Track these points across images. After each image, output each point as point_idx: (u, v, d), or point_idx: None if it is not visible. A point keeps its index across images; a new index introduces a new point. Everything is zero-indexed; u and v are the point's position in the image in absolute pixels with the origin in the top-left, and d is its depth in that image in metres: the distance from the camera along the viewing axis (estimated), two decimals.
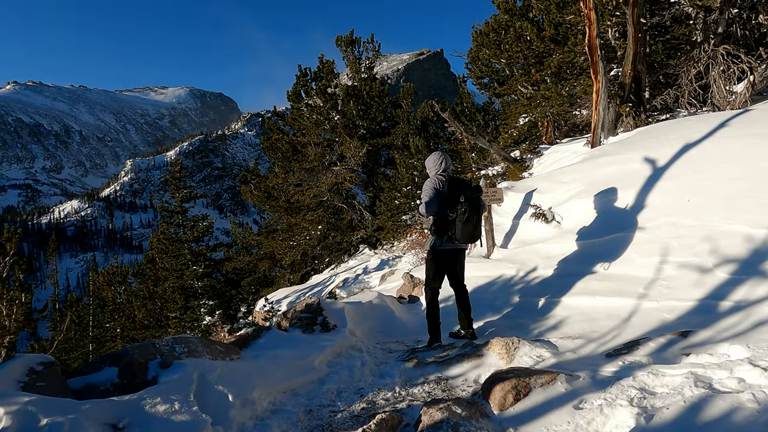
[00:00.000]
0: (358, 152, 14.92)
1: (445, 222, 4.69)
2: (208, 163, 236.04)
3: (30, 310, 10.74)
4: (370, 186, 19.08)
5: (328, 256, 18.98)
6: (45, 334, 14.93)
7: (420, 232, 13.17)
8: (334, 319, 5.52)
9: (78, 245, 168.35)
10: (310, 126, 15.56)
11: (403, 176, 12.93)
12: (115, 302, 17.27)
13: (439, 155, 4.93)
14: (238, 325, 10.14)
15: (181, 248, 10.18)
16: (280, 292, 15.46)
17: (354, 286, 12.10)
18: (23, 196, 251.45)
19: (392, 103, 17.68)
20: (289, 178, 16.17)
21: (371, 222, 16.97)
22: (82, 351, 12.69)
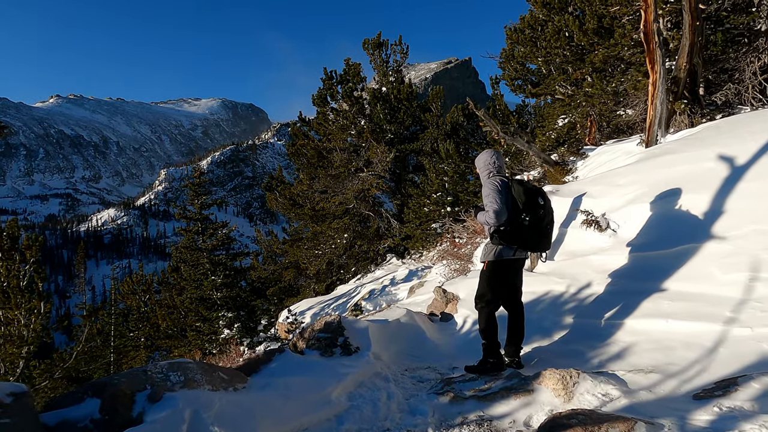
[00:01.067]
0: (385, 157, 14.31)
1: (518, 229, 4.01)
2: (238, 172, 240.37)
3: (48, 320, 10.42)
4: (397, 193, 18.45)
5: (354, 265, 18.38)
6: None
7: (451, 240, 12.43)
8: (356, 340, 4.85)
9: (114, 252, 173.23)
10: (335, 131, 15.05)
11: (433, 182, 12.23)
12: (139, 311, 17.08)
13: (492, 153, 4.27)
14: (257, 338, 9.59)
15: (200, 257, 9.72)
16: (304, 303, 14.92)
17: (380, 298, 11.43)
18: (64, 204, 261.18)
19: (421, 107, 17.04)
20: (314, 184, 15.67)
21: (399, 230, 16.29)
22: (103, 361, 12.43)
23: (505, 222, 4.01)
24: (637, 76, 8.43)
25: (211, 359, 9.27)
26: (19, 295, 10.25)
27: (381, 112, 14.86)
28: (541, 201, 4.08)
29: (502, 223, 4.02)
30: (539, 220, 4.05)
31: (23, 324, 10.30)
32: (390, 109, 15.35)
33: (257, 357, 4.47)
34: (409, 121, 15.71)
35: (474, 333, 5.11)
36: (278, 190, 17.82)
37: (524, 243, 4.09)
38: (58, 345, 19.43)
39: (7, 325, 10.30)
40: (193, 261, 9.72)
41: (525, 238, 4.06)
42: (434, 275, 10.39)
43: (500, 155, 4.34)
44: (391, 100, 15.36)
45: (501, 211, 3.94)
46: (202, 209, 9.83)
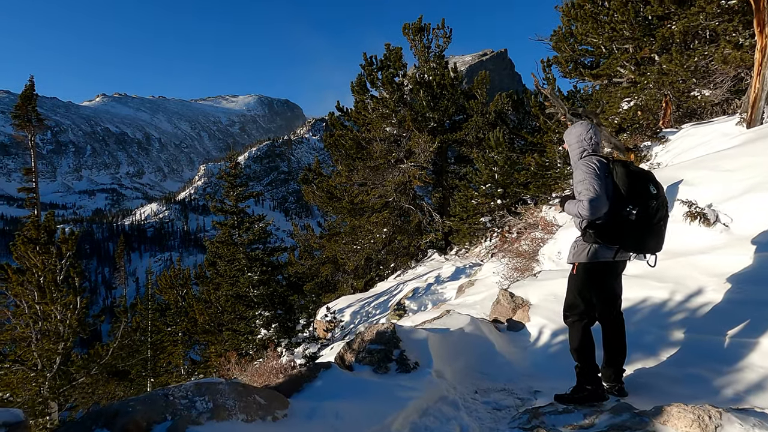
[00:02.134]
0: (428, 147, 13.47)
1: (620, 224, 3.16)
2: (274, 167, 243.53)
3: (84, 315, 10.14)
4: (438, 186, 17.59)
5: (394, 261, 17.65)
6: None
7: (501, 236, 11.51)
8: (414, 353, 4.10)
9: (156, 245, 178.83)
10: (375, 120, 14.31)
11: (482, 173, 11.33)
12: (177, 305, 16.90)
13: (587, 126, 3.40)
14: (296, 339, 9.00)
15: (236, 252, 9.19)
16: (343, 300, 14.29)
17: (425, 297, 10.65)
18: (109, 199, 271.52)
19: (464, 94, 16.09)
20: (352, 177, 15.00)
21: (441, 225, 15.44)
22: (140, 358, 12.19)
23: (604, 215, 3.16)
24: (727, 47, 7.30)
25: (247, 360, 8.76)
26: (55, 290, 10.05)
27: (424, 99, 14.01)
28: (654, 189, 3.18)
29: (600, 216, 3.17)
30: (650, 215, 3.15)
31: (59, 319, 10.10)
32: (432, 96, 14.48)
33: (300, 373, 3.79)
34: (453, 109, 14.80)
35: (555, 347, 4.28)
36: (315, 182, 17.25)
37: (628, 242, 3.21)
38: (106, 334, 19.54)
39: (44, 320, 10.11)
40: (229, 256, 9.21)
41: (629, 237, 3.18)
42: (486, 273, 9.53)
43: (597, 129, 3.46)
44: (433, 87, 14.48)
45: (599, 201, 3.07)
46: (237, 202, 9.28)
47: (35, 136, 12.82)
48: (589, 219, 3.18)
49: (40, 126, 13.24)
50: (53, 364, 9.95)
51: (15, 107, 12.51)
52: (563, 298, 3.57)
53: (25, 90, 12.53)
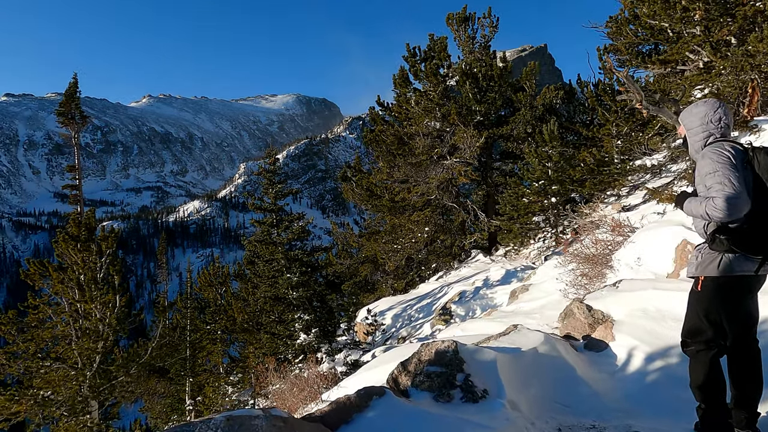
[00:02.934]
0: (474, 142, 12.73)
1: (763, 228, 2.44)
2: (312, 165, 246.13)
3: (124, 314, 9.97)
4: (482, 183, 16.79)
5: (435, 261, 16.98)
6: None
7: (558, 238, 10.72)
8: (482, 378, 3.47)
9: (198, 241, 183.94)
10: (418, 114, 13.67)
11: (535, 169, 10.51)
12: (216, 303, 16.79)
13: (714, 105, 2.68)
14: (336, 344, 8.50)
15: (275, 251, 8.77)
16: (384, 302, 13.75)
17: (473, 302, 9.95)
18: (155, 197, 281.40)
19: (512, 86, 15.21)
20: (394, 173, 14.41)
21: (486, 224, 14.66)
22: (179, 357, 12.04)
23: (743, 217, 2.43)
24: None
25: (286, 367, 8.33)
26: (94, 288, 9.92)
27: (470, 91, 13.26)
28: None
29: (744, 220, 2.45)
30: None
31: (98, 318, 9.99)
32: (479, 89, 13.70)
33: (348, 400, 3.22)
34: (500, 102, 13.97)
35: (653, 375, 3.55)
36: (355, 180, 16.76)
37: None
38: (149, 327, 19.77)
39: (84, 318, 10.01)
40: (268, 256, 8.80)
41: None
42: (541, 278, 8.76)
43: (728, 109, 2.73)
44: (479, 78, 13.70)
45: (738, 199, 2.35)
46: (276, 199, 8.85)
47: (79, 133, 12.82)
48: (722, 221, 2.46)
49: (83, 123, 13.24)
50: (93, 363, 9.84)
51: (60, 104, 12.53)
52: (655, 315, 2.89)
53: (68, 87, 12.51)
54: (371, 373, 6.01)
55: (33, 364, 9.25)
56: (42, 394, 9.25)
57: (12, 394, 8.76)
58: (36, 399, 9.08)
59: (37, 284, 9.58)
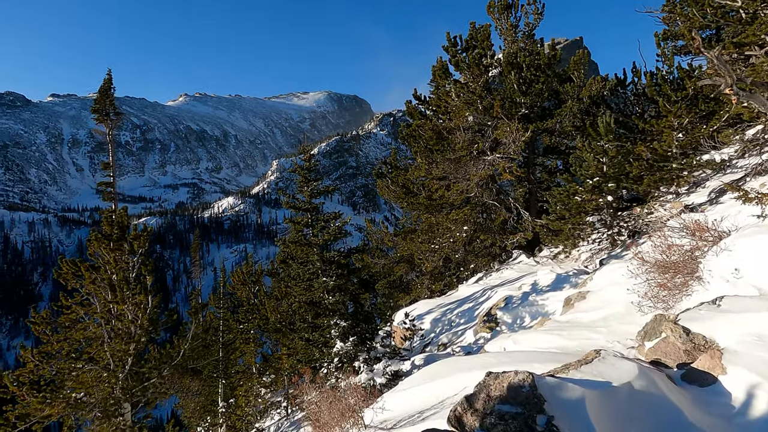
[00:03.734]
0: (519, 136, 11.92)
1: None
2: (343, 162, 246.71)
3: (156, 315, 9.68)
4: (523, 180, 15.94)
5: (474, 262, 16.24)
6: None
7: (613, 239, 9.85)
8: (568, 422, 2.81)
9: (233, 237, 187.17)
10: (458, 107, 12.94)
11: (589, 165, 9.66)
12: (249, 302, 16.54)
13: None
14: (375, 353, 7.93)
15: (310, 252, 8.27)
16: (421, 305, 13.14)
17: (521, 309, 9.22)
18: (191, 193, 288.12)
19: (558, 77, 14.30)
20: (432, 170, 13.73)
21: (531, 223, 13.83)
22: (212, 359, 11.75)
23: None
24: None
25: (322, 379, 7.83)
26: (126, 288, 9.67)
27: (515, 82, 12.44)
28: None
29: None
30: None
31: (130, 320, 9.74)
32: (523, 79, 12.85)
33: None
34: (546, 93, 13.09)
35: None
36: (390, 176, 16.18)
37: None
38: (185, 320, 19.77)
39: (116, 319, 9.78)
40: (302, 258, 8.31)
41: None
42: (599, 284, 7.96)
43: None
44: (524, 68, 12.84)
45: None
46: (311, 198, 8.34)
47: (113, 129, 12.63)
48: None
49: (117, 119, 13.06)
50: (125, 365, 9.60)
51: (95, 101, 12.36)
52: None
53: (103, 84, 12.33)
54: (416, 394, 5.42)
55: (66, 365, 9.06)
56: (74, 396, 9.05)
57: (44, 396, 8.56)
58: (68, 401, 8.88)
59: (70, 284, 9.40)
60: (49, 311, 9.33)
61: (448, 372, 5.75)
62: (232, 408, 12.29)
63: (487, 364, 5.31)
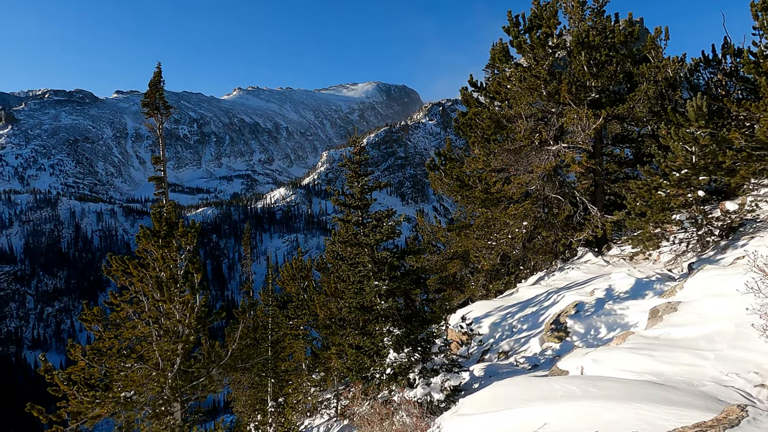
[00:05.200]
0: (590, 124, 10.78)
1: None
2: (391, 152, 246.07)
3: (205, 314, 9.39)
4: (589, 172, 14.65)
5: (534, 260, 15.15)
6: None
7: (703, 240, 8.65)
8: None
9: (284, 227, 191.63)
10: (519, 93, 11.90)
11: (676, 154, 8.45)
12: (299, 298, 16.26)
13: None
14: (432, 364, 7.22)
15: (361, 253, 7.65)
16: (478, 307, 12.29)
17: (596, 318, 8.21)
18: (245, 184, 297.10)
19: (631, 57, 12.91)
20: (490, 161, 12.79)
21: (600, 219, 12.63)
22: (261, 358, 11.47)
23: None
24: None
25: (373, 390, 7.24)
26: (173, 286, 9.43)
27: (584, 63, 11.24)
28: None
29: None
30: None
31: (177, 319, 9.52)
32: (594, 61, 11.62)
33: None
34: (621, 75, 11.80)
35: None
36: (444, 168, 15.31)
37: None
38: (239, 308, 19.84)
39: (164, 318, 9.58)
40: (352, 259, 7.71)
41: None
42: (694, 294, 6.86)
43: None
44: (596, 48, 11.60)
45: None
46: (363, 193, 7.69)
47: (163, 123, 12.48)
48: None
49: (167, 113, 12.92)
50: (173, 365, 9.40)
51: (144, 95, 12.24)
52: None
53: (153, 77, 12.16)
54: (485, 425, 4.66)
55: (116, 363, 8.94)
56: (124, 395, 8.92)
57: (94, 395, 8.45)
58: (118, 400, 8.75)
59: (120, 281, 9.26)
60: (101, 308, 9.25)
61: (521, 398, 4.96)
62: (281, 407, 12.02)
63: (571, 395, 4.48)
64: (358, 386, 7.13)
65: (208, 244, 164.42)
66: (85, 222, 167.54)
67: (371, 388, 7.26)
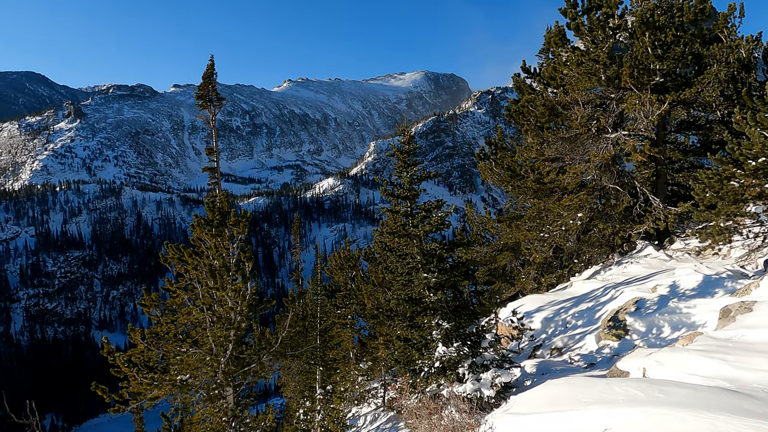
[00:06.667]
0: (655, 110, 10.12)
1: None
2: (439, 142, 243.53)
3: (255, 302, 9.61)
4: (651, 160, 13.82)
5: (589, 253, 14.54)
6: None
7: None
8: None
9: (332, 216, 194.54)
10: (576, 78, 11.32)
11: (753, 141, 7.77)
12: (346, 287, 16.38)
13: None
14: (482, 360, 7.04)
15: (410, 245, 7.53)
16: (530, 301, 11.93)
17: (658, 316, 7.74)
18: (294, 174, 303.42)
19: (699, 38, 12.01)
20: (544, 150, 12.30)
21: (663, 211, 11.91)
22: (310, 346, 11.65)
23: None
24: None
25: (421, 383, 7.14)
26: (226, 274, 9.69)
27: (648, 45, 10.52)
28: None
29: None
30: None
31: (230, 306, 9.79)
32: (659, 42, 10.86)
33: None
34: (689, 56, 11.00)
35: None
36: (494, 158, 14.91)
37: None
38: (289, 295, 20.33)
39: (217, 304, 9.88)
40: (400, 250, 7.61)
41: None
42: None
43: None
44: (660, 27, 10.82)
45: None
46: (411, 183, 7.56)
47: (216, 115, 12.75)
48: None
49: (219, 105, 13.16)
50: (226, 350, 9.69)
51: (198, 87, 12.52)
52: None
53: (206, 70, 12.39)
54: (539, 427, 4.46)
55: (172, 347, 9.31)
56: (180, 378, 9.29)
57: (152, 377, 8.85)
58: (175, 383, 9.12)
59: (176, 269, 9.61)
60: (158, 294, 9.65)
61: (578, 399, 4.71)
62: (329, 395, 12.21)
63: (634, 399, 4.20)
64: (406, 379, 7.06)
65: (259, 232, 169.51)
66: (146, 210, 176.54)
67: (419, 382, 7.17)
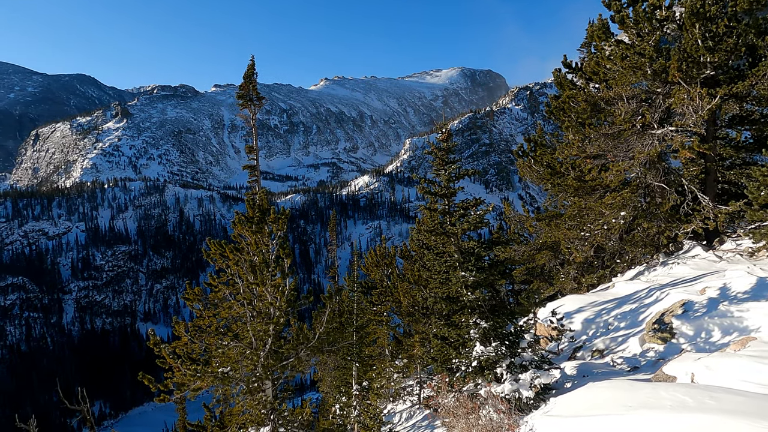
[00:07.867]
0: (705, 104, 9.69)
1: None
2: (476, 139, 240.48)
3: (294, 297, 9.81)
4: (700, 157, 13.25)
5: (633, 253, 14.08)
6: None
7: None
8: None
9: (368, 213, 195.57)
10: (621, 72, 10.96)
11: None
12: (382, 284, 16.46)
13: None
14: (520, 360, 6.94)
15: (447, 243, 7.49)
16: (570, 302, 11.67)
17: (708, 320, 7.42)
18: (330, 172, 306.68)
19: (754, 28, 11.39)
20: (586, 147, 11.99)
21: (713, 210, 11.41)
22: (346, 342, 11.77)
23: None
24: None
25: (459, 382, 7.11)
26: (265, 270, 9.92)
27: (699, 37, 10.07)
28: None
29: None
30: None
31: (269, 302, 10.02)
32: (710, 33, 10.37)
33: None
34: (743, 48, 10.46)
35: None
36: (533, 155, 14.64)
37: None
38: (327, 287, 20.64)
39: (257, 299, 10.12)
40: (437, 248, 7.58)
41: None
42: None
43: None
44: (712, 18, 10.33)
45: None
46: (449, 181, 7.51)
47: (256, 113, 13.05)
48: None
49: (260, 104, 13.48)
50: (265, 345, 9.92)
51: (239, 87, 12.87)
52: None
53: (247, 70, 12.72)
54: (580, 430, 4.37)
55: (214, 340, 9.62)
56: (221, 370, 9.58)
57: (195, 369, 9.16)
58: (216, 375, 9.42)
59: (217, 264, 9.91)
60: (201, 288, 9.98)
61: (622, 403, 4.59)
62: (365, 391, 12.31)
63: (682, 405, 4.06)
64: (443, 377, 7.04)
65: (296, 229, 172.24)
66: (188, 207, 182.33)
67: (456, 380, 7.14)
